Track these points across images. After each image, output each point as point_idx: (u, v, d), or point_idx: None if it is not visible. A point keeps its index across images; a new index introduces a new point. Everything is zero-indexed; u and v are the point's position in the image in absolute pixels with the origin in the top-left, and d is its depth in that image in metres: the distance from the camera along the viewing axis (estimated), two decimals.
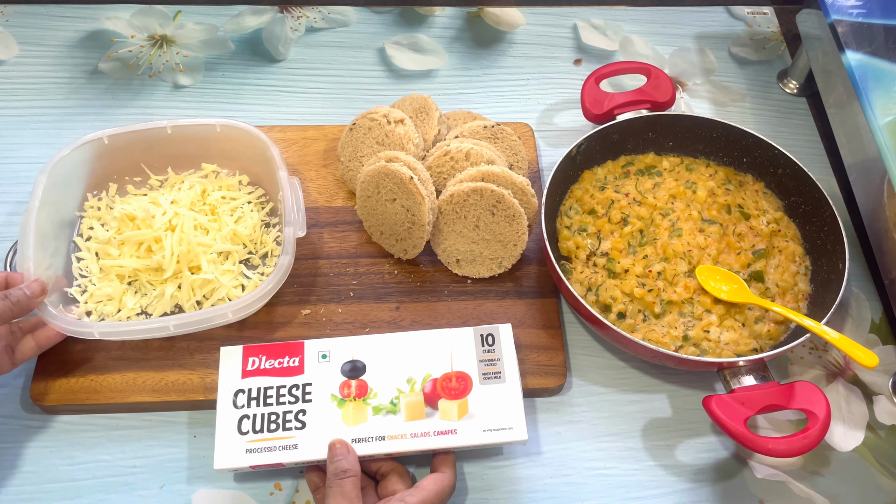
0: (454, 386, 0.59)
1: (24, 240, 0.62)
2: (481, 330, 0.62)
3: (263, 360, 0.59)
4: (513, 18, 0.93)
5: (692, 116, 0.74)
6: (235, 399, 0.58)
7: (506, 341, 0.61)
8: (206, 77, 0.85)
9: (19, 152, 0.78)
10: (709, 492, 0.62)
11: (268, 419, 0.57)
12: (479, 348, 0.61)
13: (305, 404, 0.58)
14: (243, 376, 0.59)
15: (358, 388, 0.59)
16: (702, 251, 0.68)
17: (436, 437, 0.57)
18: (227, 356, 0.60)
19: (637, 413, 0.65)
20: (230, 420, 0.57)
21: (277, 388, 0.58)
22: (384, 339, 0.61)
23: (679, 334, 0.64)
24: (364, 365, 0.60)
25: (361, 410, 0.58)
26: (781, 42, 0.93)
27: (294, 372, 0.59)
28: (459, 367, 0.60)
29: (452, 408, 0.58)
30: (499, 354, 0.61)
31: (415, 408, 0.58)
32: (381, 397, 0.59)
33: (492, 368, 0.60)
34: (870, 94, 0.69)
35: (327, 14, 0.92)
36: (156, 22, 0.90)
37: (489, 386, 0.59)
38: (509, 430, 0.58)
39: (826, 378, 0.68)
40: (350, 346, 0.61)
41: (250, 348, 0.60)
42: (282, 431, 0.57)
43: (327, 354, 0.60)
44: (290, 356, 0.60)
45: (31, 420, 0.63)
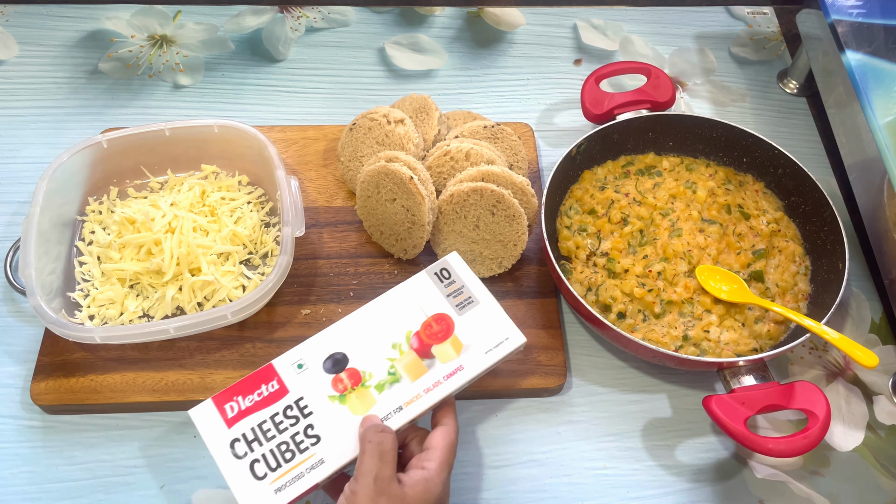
0: (437, 329, 0.59)
1: (26, 245, 0.62)
2: (432, 269, 0.61)
3: (241, 400, 0.55)
4: (513, 18, 0.93)
5: (692, 116, 0.74)
6: (234, 450, 0.54)
7: (460, 268, 0.61)
8: (206, 77, 0.85)
9: (20, 152, 0.78)
10: (709, 492, 0.62)
11: (280, 451, 0.54)
12: (440, 285, 0.60)
13: (308, 419, 0.55)
14: (230, 426, 0.55)
15: (350, 377, 0.57)
16: (702, 251, 0.68)
17: (447, 380, 0.57)
18: (200, 416, 0.55)
19: (637, 413, 0.65)
20: (241, 472, 0.53)
21: (272, 419, 0.55)
22: (347, 321, 0.59)
23: (679, 334, 0.64)
24: (344, 354, 0.58)
25: (366, 396, 0.56)
26: (781, 42, 0.93)
27: (278, 396, 0.56)
28: (433, 310, 0.59)
29: (447, 348, 0.58)
30: (460, 283, 0.60)
31: (414, 367, 0.57)
32: (378, 374, 0.57)
33: (461, 297, 0.60)
34: (870, 94, 0.69)
35: (327, 14, 0.92)
36: (156, 22, 0.90)
37: (468, 313, 0.59)
38: (507, 340, 0.59)
39: (826, 378, 0.68)
40: (320, 344, 0.58)
41: (221, 396, 0.55)
42: (300, 455, 0.54)
43: (302, 363, 0.57)
44: (266, 382, 0.56)
45: (32, 420, 0.63)
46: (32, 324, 0.67)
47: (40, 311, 0.59)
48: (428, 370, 0.57)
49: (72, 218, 0.69)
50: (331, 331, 0.58)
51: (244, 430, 0.54)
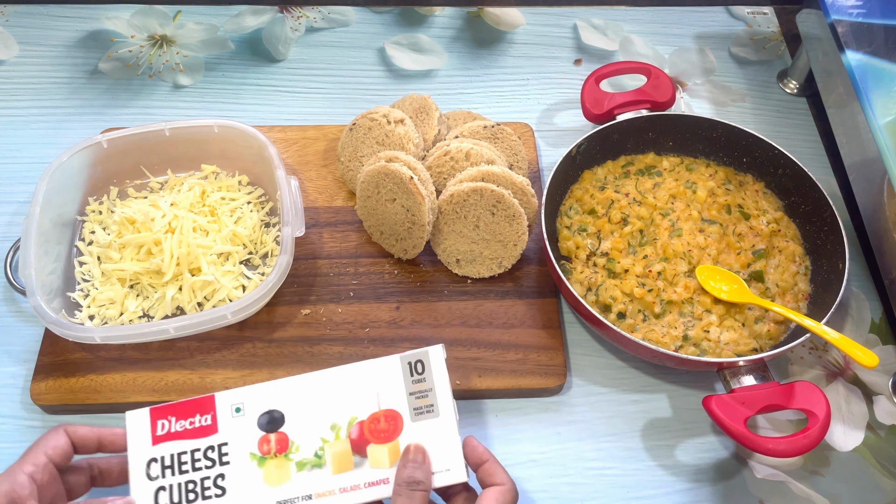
0: (383, 427, 0.52)
1: (26, 246, 0.62)
2: (409, 357, 0.54)
3: (173, 422, 0.52)
4: (513, 18, 0.93)
5: (692, 116, 0.74)
6: (149, 470, 0.51)
7: (436, 367, 0.54)
8: (206, 77, 0.85)
9: (20, 152, 0.78)
10: (709, 492, 0.62)
11: (185, 489, 0.51)
12: (408, 379, 0.54)
13: (223, 467, 0.51)
14: (154, 443, 0.52)
15: (278, 443, 0.52)
16: (702, 251, 0.68)
17: (367, 489, 0.51)
18: (133, 422, 0.52)
19: (637, 413, 0.65)
20: (146, 494, 0.51)
21: (192, 453, 0.52)
22: (302, 380, 0.54)
23: (679, 334, 0.64)
24: (282, 415, 0.53)
25: (283, 468, 0.51)
26: (781, 42, 0.93)
27: (207, 432, 0.52)
28: (388, 404, 0.53)
29: (383, 453, 0.52)
30: (430, 384, 0.53)
31: (341, 458, 0.52)
32: (304, 450, 0.52)
33: (423, 401, 0.53)
34: (870, 94, 0.69)
35: (327, 14, 0.92)
36: (156, 22, 0.90)
37: (422, 422, 0.53)
38: (446, 472, 0.52)
39: (826, 378, 0.68)
40: (266, 394, 0.53)
41: (158, 410, 0.52)
42: (201, 501, 0.51)
43: (241, 407, 0.53)
44: (202, 413, 0.53)
45: (32, 420, 0.63)
46: (32, 324, 0.67)
47: (40, 311, 0.59)
48: (353, 469, 0.52)
49: (72, 218, 0.69)
50: (282, 383, 0.54)
51: (164, 454, 0.52)
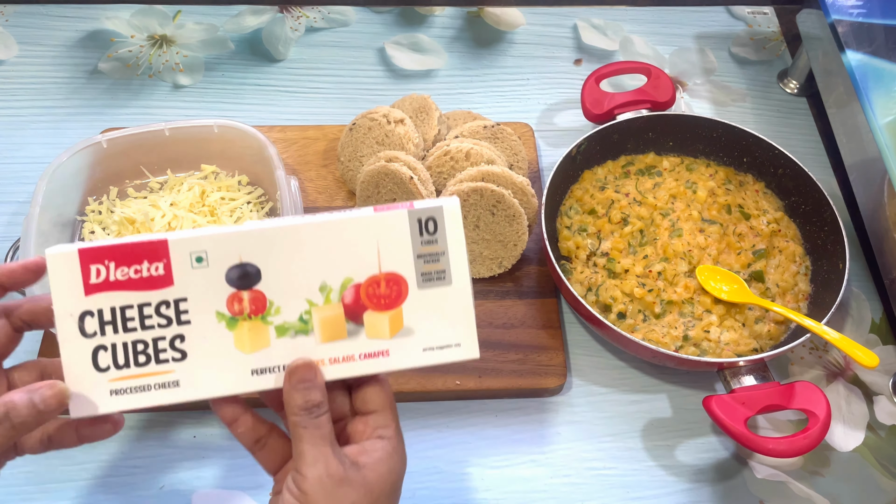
0: (383, 293, 0.44)
1: (26, 246, 0.62)
2: (418, 212, 0.44)
3: (112, 268, 0.42)
4: (513, 18, 0.93)
5: (692, 116, 0.74)
6: (83, 325, 0.42)
7: (452, 226, 0.45)
8: (205, 77, 0.85)
9: (19, 152, 0.78)
10: (709, 492, 0.62)
11: (133, 349, 0.43)
12: (417, 239, 0.44)
13: (182, 327, 0.43)
14: (87, 292, 0.42)
15: (252, 302, 0.43)
16: (702, 251, 0.68)
17: (362, 361, 0.44)
18: (57, 264, 0.42)
19: (637, 413, 0.65)
20: (81, 353, 0.42)
21: (140, 308, 0.43)
22: (282, 231, 0.44)
23: (679, 334, 0.64)
24: (258, 269, 0.43)
25: (260, 332, 0.43)
26: (782, 42, 0.93)
27: (159, 283, 0.43)
28: (390, 266, 0.44)
29: (382, 322, 0.44)
30: (443, 246, 0.45)
31: (332, 325, 0.44)
32: (286, 313, 0.44)
33: (433, 266, 0.45)
34: (870, 94, 0.69)
35: (327, 14, 0.92)
36: (155, 22, 0.90)
37: (430, 290, 0.45)
38: (456, 347, 0.45)
39: (826, 378, 0.68)
40: (235, 243, 0.43)
41: (90, 252, 0.42)
42: (155, 364, 0.43)
43: (203, 257, 0.43)
44: (151, 260, 0.43)
45: None
46: None
47: None
48: (346, 338, 0.44)
49: (71, 218, 0.69)
50: (255, 231, 0.43)
51: (102, 306, 0.42)
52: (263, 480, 0.60)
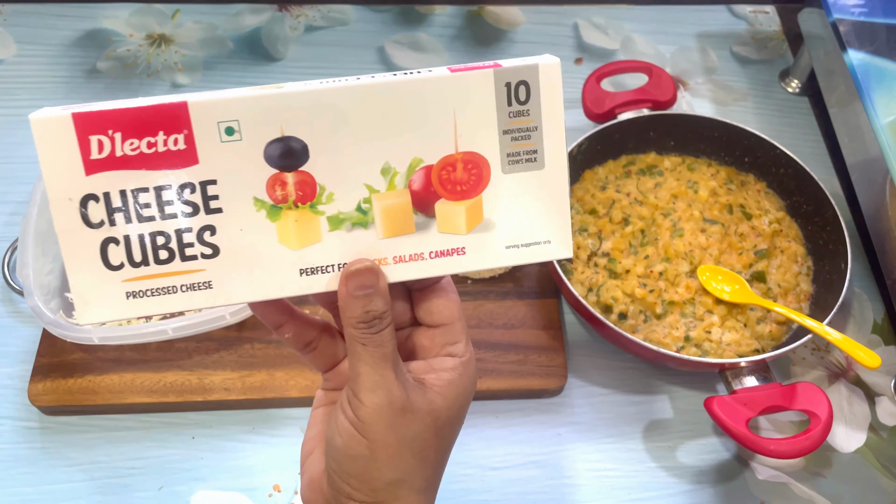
0: (460, 177, 0.36)
1: (24, 246, 0.61)
2: (507, 74, 0.35)
3: (119, 140, 0.34)
4: (513, 17, 0.93)
5: (694, 116, 0.74)
6: (86, 212, 0.34)
7: (549, 93, 0.36)
8: (204, 76, 0.85)
9: (18, 152, 0.78)
10: (710, 493, 0.61)
11: (152, 243, 0.35)
12: (504, 109, 0.36)
13: (212, 216, 0.35)
14: (88, 171, 0.34)
15: (299, 186, 0.35)
16: (703, 251, 0.68)
17: (433, 260, 0.37)
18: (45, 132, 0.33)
19: (638, 414, 0.65)
20: (86, 247, 0.34)
21: (157, 192, 0.34)
22: (335, 92, 0.34)
23: (680, 335, 0.64)
24: (305, 146, 0.35)
25: (309, 223, 0.36)
26: (783, 41, 0.93)
27: (180, 160, 0.34)
28: (469, 143, 0.36)
29: (458, 213, 0.37)
30: (535, 119, 0.36)
31: (397, 215, 0.36)
32: (341, 200, 0.36)
33: (523, 144, 0.36)
34: (872, 93, 0.68)
35: (327, 13, 0.92)
36: (154, 21, 0.89)
37: (517, 175, 0.37)
38: (545, 244, 0.37)
39: (828, 379, 0.68)
40: (275, 110, 0.34)
41: (87, 117, 0.33)
42: (180, 262, 0.35)
43: (235, 128, 0.34)
44: (168, 131, 0.34)
45: (29, 421, 0.63)
46: (30, 324, 0.67)
47: (38, 311, 0.59)
48: (413, 232, 0.36)
49: None
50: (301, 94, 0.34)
51: (109, 188, 0.34)
52: (262, 482, 0.60)
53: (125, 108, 0.33)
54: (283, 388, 0.63)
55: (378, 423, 0.35)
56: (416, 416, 0.36)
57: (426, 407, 0.36)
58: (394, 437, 0.35)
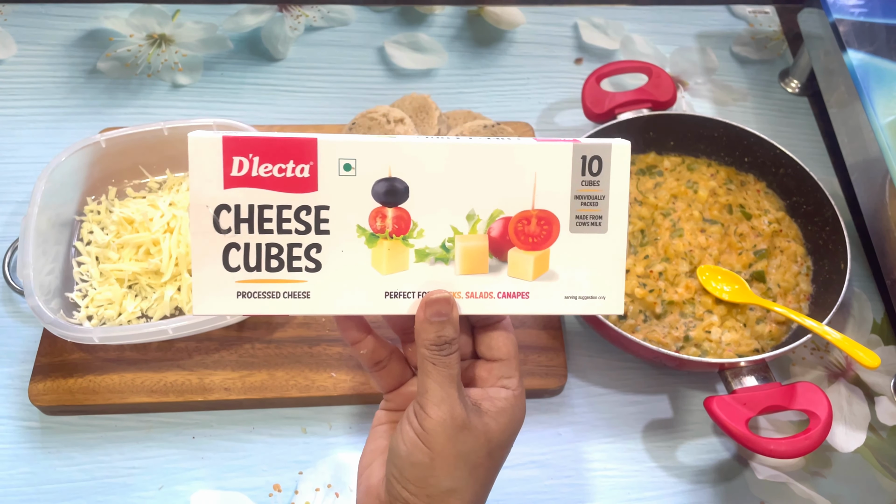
0: (533, 231, 0.41)
1: (24, 246, 0.61)
2: (585, 149, 0.41)
3: (256, 163, 0.40)
4: (513, 17, 0.93)
5: (693, 116, 0.74)
6: (218, 219, 0.40)
7: (618, 169, 0.41)
8: (204, 76, 0.85)
9: (18, 152, 0.78)
10: (710, 493, 0.62)
11: (266, 253, 0.41)
12: (577, 178, 0.41)
13: (320, 237, 0.41)
14: (227, 185, 0.40)
15: (396, 221, 0.41)
16: (703, 251, 0.68)
17: (500, 300, 0.42)
18: (199, 150, 0.40)
19: (638, 414, 0.65)
20: (213, 248, 0.40)
21: (279, 210, 0.40)
22: (439, 146, 0.40)
23: (680, 335, 0.64)
24: (406, 187, 0.41)
25: (399, 253, 0.41)
26: (783, 41, 0.93)
27: (303, 186, 0.40)
28: (544, 203, 0.41)
29: (527, 262, 0.42)
30: (604, 190, 0.41)
31: (475, 256, 0.41)
32: (429, 237, 0.41)
33: (590, 210, 0.41)
34: (871, 93, 0.68)
35: (326, 13, 0.92)
36: (154, 21, 0.89)
37: (583, 235, 0.42)
38: (600, 299, 0.42)
39: (828, 379, 0.68)
40: (388, 154, 0.40)
41: (235, 142, 0.40)
42: (287, 272, 0.41)
43: (352, 165, 0.40)
44: (298, 161, 0.40)
45: (30, 421, 0.63)
46: (30, 324, 0.67)
47: (38, 311, 0.59)
48: (486, 273, 0.42)
49: (70, 218, 0.69)
50: (411, 144, 0.40)
51: (240, 202, 0.40)
52: (262, 482, 0.60)
53: (267, 138, 0.40)
54: (283, 388, 0.63)
55: (440, 434, 0.39)
56: (472, 434, 0.40)
57: (482, 428, 0.41)
58: (452, 450, 0.40)
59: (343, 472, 0.61)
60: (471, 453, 0.40)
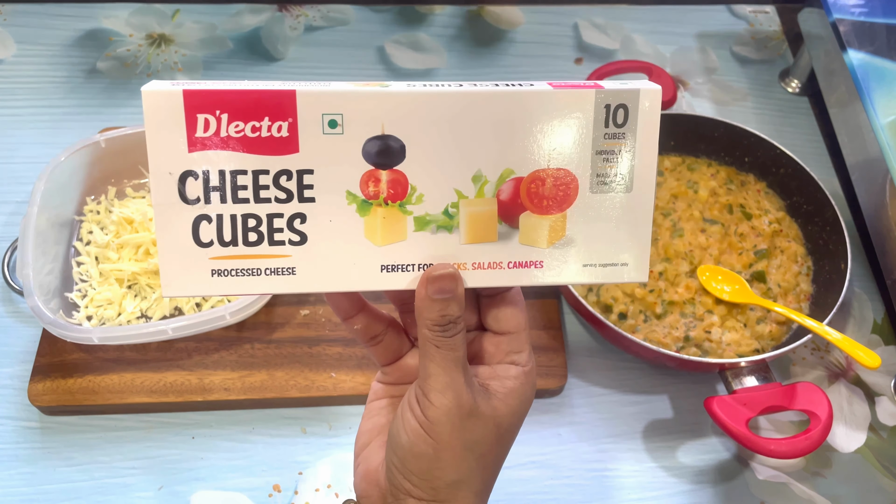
0: (548, 192, 0.37)
1: (24, 246, 0.61)
2: (608, 96, 0.36)
3: (225, 121, 0.34)
4: (513, 17, 0.93)
5: (694, 116, 0.74)
6: (184, 188, 0.35)
7: (647, 119, 0.37)
8: (204, 76, 0.85)
9: (18, 152, 0.78)
10: (710, 493, 0.61)
11: (243, 225, 0.36)
12: (600, 130, 0.36)
13: (304, 205, 0.36)
14: (191, 148, 0.34)
15: (392, 185, 0.36)
16: (703, 251, 0.68)
17: (510, 270, 0.37)
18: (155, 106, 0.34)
19: (638, 414, 0.65)
20: (179, 221, 0.35)
21: (255, 175, 0.35)
22: (438, 96, 0.35)
23: (680, 335, 0.64)
24: (402, 145, 0.35)
25: (396, 221, 0.36)
26: (783, 41, 0.93)
27: (282, 147, 0.35)
28: (561, 160, 0.36)
29: (541, 227, 0.37)
30: (630, 143, 0.37)
31: (482, 223, 0.37)
32: (430, 202, 0.36)
33: (614, 166, 0.37)
34: (872, 93, 0.68)
35: (326, 13, 0.92)
36: (154, 21, 0.89)
37: (604, 196, 0.37)
38: (622, 266, 0.38)
39: (828, 379, 0.68)
40: (379, 107, 0.35)
41: (197, 95, 0.34)
42: (268, 246, 0.36)
43: (338, 121, 0.35)
44: (274, 118, 0.34)
45: (29, 421, 0.63)
46: (30, 324, 0.67)
47: (38, 311, 0.59)
48: (495, 240, 0.37)
49: (69, 218, 0.69)
50: (406, 95, 0.35)
51: (209, 167, 0.35)
52: (262, 482, 0.60)
53: (235, 90, 0.34)
54: (283, 388, 0.63)
55: (445, 424, 0.36)
56: (480, 421, 0.37)
57: (490, 413, 0.37)
58: (459, 440, 0.36)
59: (343, 473, 0.61)
60: (479, 442, 0.37)
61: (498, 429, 0.38)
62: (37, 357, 0.63)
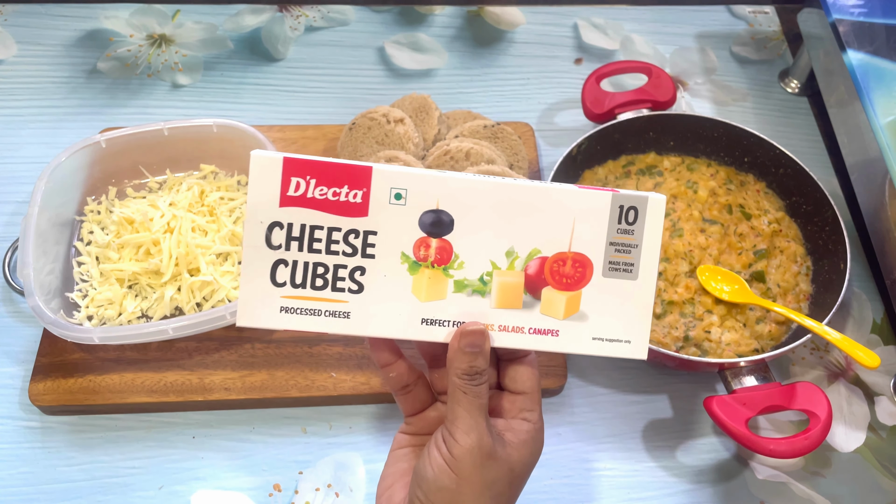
0: (568, 272, 0.43)
1: (24, 246, 0.61)
2: (622, 199, 0.43)
3: (313, 185, 0.42)
4: (513, 17, 0.93)
5: (693, 116, 0.74)
6: (270, 235, 0.42)
7: (652, 221, 0.44)
8: (204, 76, 0.85)
9: (18, 152, 0.78)
10: (710, 493, 0.62)
11: (313, 271, 0.43)
12: (614, 225, 0.44)
13: (365, 260, 0.43)
14: (282, 203, 0.42)
15: (439, 251, 0.43)
16: (703, 251, 0.68)
17: (529, 335, 0.44)
18: (260, 167, 0.42)
19: (638, 414, 0.65)
20: (262, 262, 0.42)
21: (329, 231, 0.42)
22: (486, 184, 0.43)
23: (680, 335, 0.64)
24: (452, 220, 0.43)
25: (439, 283, 0.43)
26: (783, 41, 0.93)
27: (354, 211, 0.42)
28: (580, 246, 0.43)
29: (559, 301, 0.44)
30: (637, 239, 0.44)
31: (510, 292, 0.43)
32: (469, 270, 0.43)
33: (623, 256, 0.44)
34: (871, 93, 0.68)
35: (327, 13, 0.92)
36: (154, 21, 0.89)
37: (614, 280, 0.44)
38: (626, 343, 0.44)
39: (827, 378, 0.68)
40: (437, 187, 0.42)
41: (294, 162, 0.42)
42: (330, 291, 0.43)
43: (403, 195, 0.42)
44: (352, 186, 0.42)
45: (30, 421, 0.63)
46: (31, 324, 0.67)
47: (39, 311, 0.59)
48: (520, 308, 0.43)
49: (70, 218, 0.69)
50: (460, 180, 0.43)
51: (293, 221, 0.42)
52: (262, 482, 0.60)
53: (325, 161, 0.42)
54: (283, 388, 0.63)
55: (468, 462, 0.41)
56: (497, 463, 0.42)
57: (505, 457, 0.42)
58: (479, 477, 0.41)
59: (343, 472, 0.61)
60: (495, 482, 0.42)
61: (511, 473, 0.42)
62: (37, 357, 0.64)
